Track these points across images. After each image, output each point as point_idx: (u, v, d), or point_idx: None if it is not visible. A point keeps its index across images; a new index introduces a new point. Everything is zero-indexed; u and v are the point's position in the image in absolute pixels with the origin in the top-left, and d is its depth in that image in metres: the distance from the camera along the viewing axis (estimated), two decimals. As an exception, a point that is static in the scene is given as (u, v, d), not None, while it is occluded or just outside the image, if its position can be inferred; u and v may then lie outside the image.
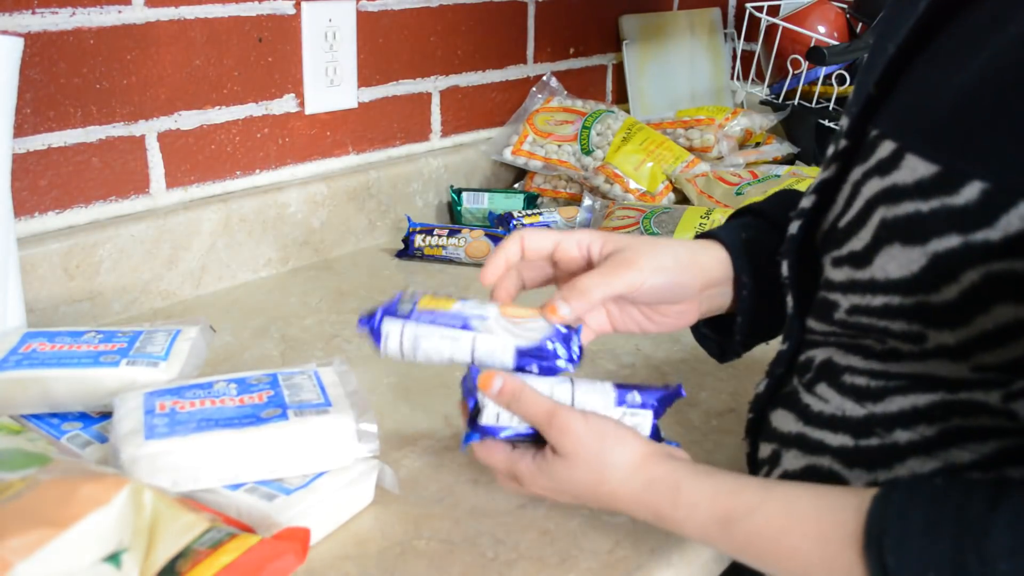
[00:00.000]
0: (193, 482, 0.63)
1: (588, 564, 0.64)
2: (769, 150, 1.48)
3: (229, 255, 1.10)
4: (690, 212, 1.16)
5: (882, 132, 0.54)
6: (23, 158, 0.94)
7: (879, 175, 0.53)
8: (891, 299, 0.52)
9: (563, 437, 0.59)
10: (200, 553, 0.52)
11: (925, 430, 0.53)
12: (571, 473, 0.59)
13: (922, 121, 0.52)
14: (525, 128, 1.39)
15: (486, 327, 0.62)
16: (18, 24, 0.91)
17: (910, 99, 0.54)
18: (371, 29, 1.23)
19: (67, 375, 0.72)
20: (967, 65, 0.50)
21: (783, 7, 1.66)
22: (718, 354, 0.75)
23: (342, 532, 0.66)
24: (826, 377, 0.60)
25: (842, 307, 0.57)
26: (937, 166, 0.49)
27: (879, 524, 0.48)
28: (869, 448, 0.56)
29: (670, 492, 0.57)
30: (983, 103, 0.48)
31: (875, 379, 0.56)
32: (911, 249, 0.50)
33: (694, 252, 0.67)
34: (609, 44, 1.61)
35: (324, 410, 0.67)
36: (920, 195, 0.50)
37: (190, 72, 1.05)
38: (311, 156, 1.21)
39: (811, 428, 0.60)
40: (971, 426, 0.52)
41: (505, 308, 0.63)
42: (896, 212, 0.51)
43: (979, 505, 0.45)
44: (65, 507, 0.51)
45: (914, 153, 0.51)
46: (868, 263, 0.53)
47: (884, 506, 0.48)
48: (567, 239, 0.66)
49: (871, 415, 0.56)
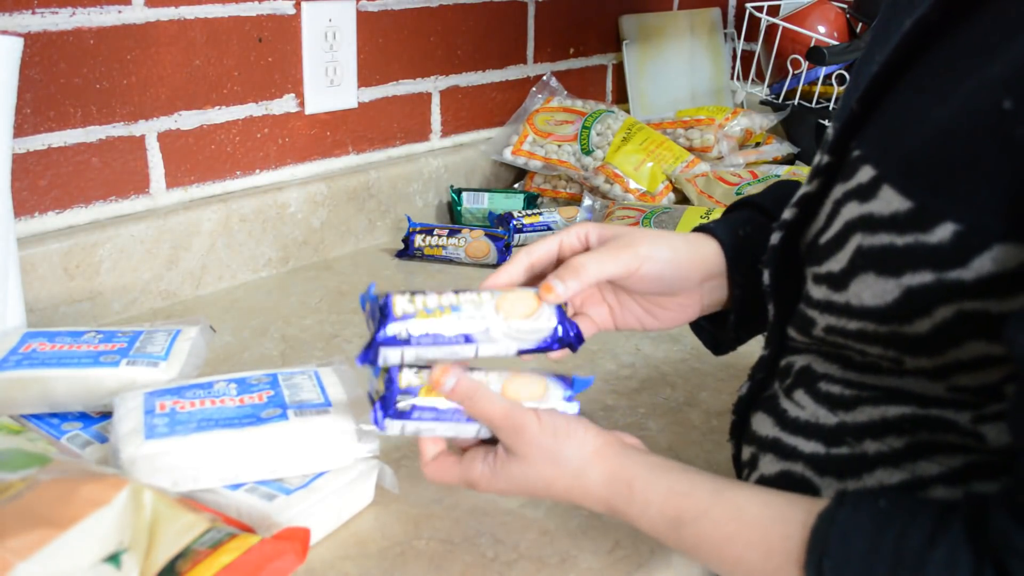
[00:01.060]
0: (193, 482, 0.63)
1: (588, 564, 0.64)
2: (769, 150, 1.48)
3: (229, 255, 1.10)
4: (690, 212, 1.16)
5: (863, 155, 0.54)
6: (23, 158, 0.94)
7: (858, 200, 0.53)
8: (866, 325, 0.52)
9: (517, 436, 0.58)
10: (200, 553, 0.52)
11: (893, 442, 0.54)
12: (525, 471, 0.59)
13: (900, 151, 0.51)
14: (525, 128, 1.39)
15: (489, 338, 0.60)
16: (18, 24, 0.91)
17: (891, 124, 0.54)
18: (371, 29, 1.23)
19: (67, 375, 0.72)
20: (947, 98, 0.50)
21: (783, 7, 1.66)
22: (713, 346, 0.75)
23: (342, 532, 0.66)
24: (803, 383, 0.60)
25: (819, 325, 0.57)
26: (911, 202, 0.49)
27: (821, 545, 0.48)
28: (839, 456, 0.56)
29: (624, 488, 0.57)
30: (958, 144, 0.48)
31: (849, 388, 0.56)
32: (885, 280, 0.50)
33: (693, 244, 0.67)
34: (609, 44, 1.61)
35: (324, 410, 0.67)
36: (895, 229, 0.50)
37: (190, 72, 1.05)
38: (311, 156, 1.21)
39: (786, 433, 0.60)
40: (939, 441, 0.52)
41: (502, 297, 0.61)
42: (872, 242, 0.51)
43: (918, 537, 0.46)
44: (65, 507, 0.51)
45: (890, 185, 0.50)
46: (844, 287, 0.53)
47: (828, 526, 0.49)
48: (567, 235, 0.66)
49: (842, 424, 0.56)
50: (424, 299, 0.59)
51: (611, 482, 0.58)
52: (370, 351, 0.58)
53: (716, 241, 0.68)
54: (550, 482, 0.59)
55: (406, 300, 0.58)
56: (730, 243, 0.68)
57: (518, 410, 0.58)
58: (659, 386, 0.90)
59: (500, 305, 0.60)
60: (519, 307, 0.61)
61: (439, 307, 0.59)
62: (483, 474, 0.60)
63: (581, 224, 0.66)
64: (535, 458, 0.58)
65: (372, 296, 0.60)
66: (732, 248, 0.68)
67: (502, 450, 0.60)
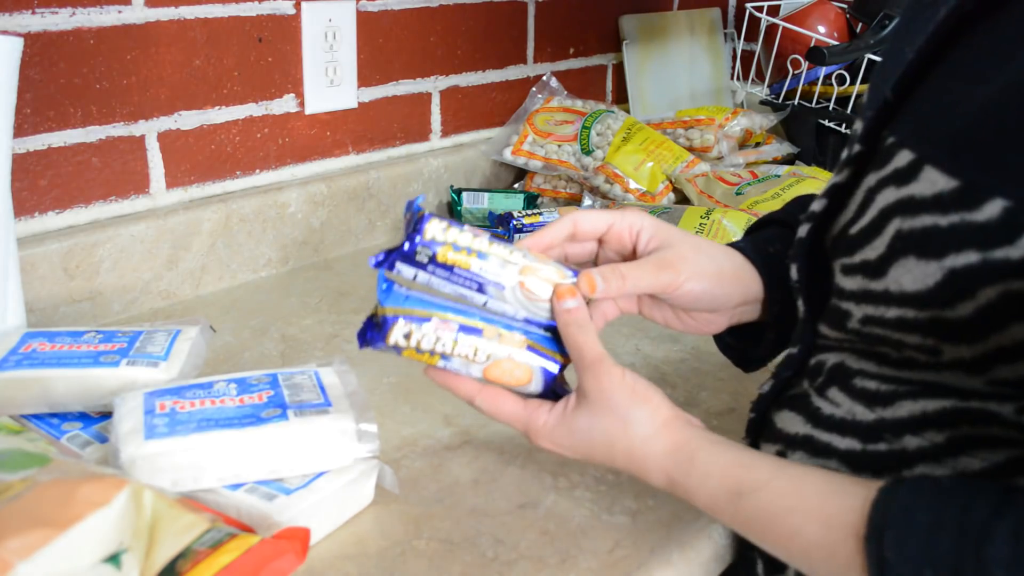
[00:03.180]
0: (193, 482, 0.63)
1: (588, 564, 0.64)
2: (769, 150, 1.48)
3: (229, 255, 1.10)
4: (690, 212, 1.16)
5: (899, 140, 0.53)
6: (23, 158, 0.94)
7: (895, 185, 0.52)
8: (905, 312, 0.52)
9: (597, 381, 0.59)
10: (200, 553, 0.52)
11: (934, 436, 0.53)
12: (592, 424, 0.59)
13: (942, 133, 0.50)
14: (525, 128, 1.39)
15: (500, 296, 0.60)
16: (18, 24, 0.91)
17: (929, 109, 0.53)
18: (371, 29, 1.23)
19: (67, 375, 0.72)
20: (991, 78, 0.49)
21: (783, 7, 1.66)
22: (743, 363, 0.74)
23: (342, 532, 0.66)
24: (837, 381, 0.59)
25: (855, 316, 0.56)
26: (957, 180, 0.48)
27: (882, 517, 0.48)
28: (877, 453, 0.56)
29: (686, 459, 0.57)
30: (1008, 119, 0.47)
31: (886, 383, 0.56)
32: (927, 263, 0.49)
33: (739, 267, 0.67)
34: (609, 44, 1.61)
35: (324, 410, 0.67)
36: (939, 209, 0.49)
37: (190, 72, 1.05)
38: (311, 156, 1.21)
39: (819, 431, 0.60)
40: (981, 434, 0.51)
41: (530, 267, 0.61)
42: (912, 224, 0.50)
43: (983, 509, 0.45)
44: (65, 508, 0.51)
45: (933, 165, 0.49)
46: (882, 274, 0.52)
47: (890, 500, 0.48)
48: (620, 221, 0.65)
49: (880, 420, 0.56)
50: (458, 235, 0.59)
51: (674, 452, 0.58)
52: (387, 260, 0.59)
53: (755, 269, 0.68)
54: (613, 441, 0.59)
55: (440, 228, 0.59)
56: (763, 263, 0.68)
57: (610, 359, 0.59)
58: (659, 386, 0.89)
59: (525, 271, 0.60)
60: (542, 281, 0.61)
61: (467, 248, 0.59)
62: (547, 423, 0.60)
63: (637, 214, 0.65)
64: (605, 411, 0.59)
65: (416, 207, 0.61)
66: (765, 268, 0.68)
67: (573, 400, 0.60)
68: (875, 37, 1.40)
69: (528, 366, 0.61)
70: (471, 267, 0.60)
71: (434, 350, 0.60)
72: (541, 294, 0.61)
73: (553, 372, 0.61)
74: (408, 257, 0.59)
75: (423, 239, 0.59)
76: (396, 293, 0.60)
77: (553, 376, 0.61)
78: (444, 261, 0.59)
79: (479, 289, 0.60)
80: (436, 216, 0.59)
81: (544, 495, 0.71)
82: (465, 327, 0.60)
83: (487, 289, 0.60)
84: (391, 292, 0.60)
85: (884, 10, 1.40)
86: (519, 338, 0.61)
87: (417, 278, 0.60)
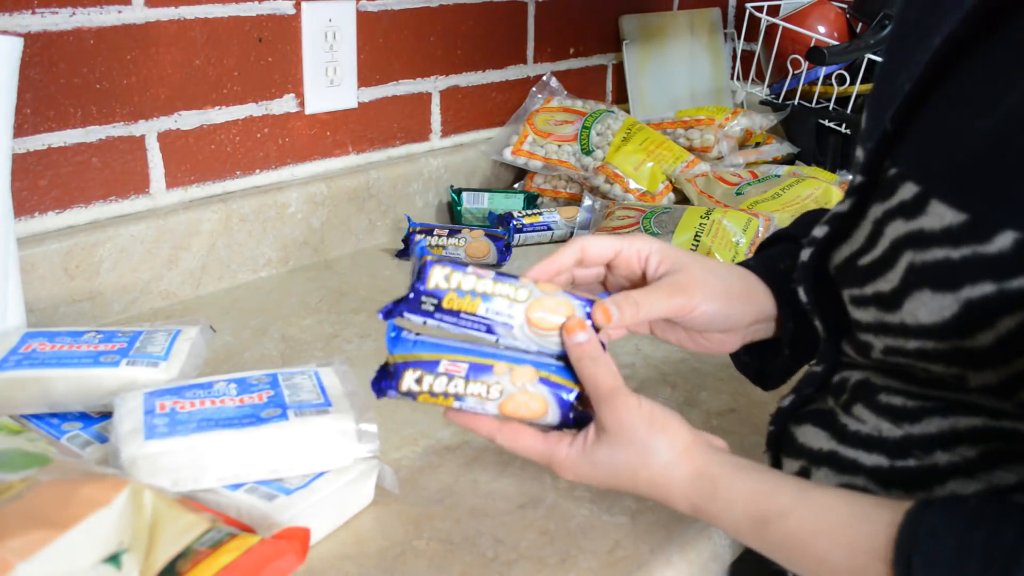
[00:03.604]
0: (193, 482, 0.63)
1: (588, 564, 0.64)
2: (769, 150, 1.48)
3: (229, 255, 1.10)
4: (690, 212, 1.16)
5: (902, 172, 0.53)
6: (23, 158, 0.94)
7: (903, 218, 0.52)
8: (925, 343, 0.51)
9: (614, 414, 0.58)
10: (200, 553, 0.52)
11: (966, 451, 0.52)
12: (614, 455, 0.59)
13: (946, 165, 0.50)
14: (525, 128, 1.39)
15: (510, 335, 0.61)
16: (18, 24, 0.91)
17: (931, 140, 0.53)
18: (371, 29, 1.23)
19: (67, 375, 0.72)
20: (993, 108, 0.49)
21: (783, 7, 1.66)
22: (760, 380, 0.74)
23: (342, 532, 0.66)
24: (862, 398, 0.59)
25: (877, 348, 0.56)
26: (966, 214, 0.48)
27: (910, 542, 0.47)
28: (906, 469, 0.55)
29: (709, 486, 0.57)
30: (1010, 150, 0.47)
31: (913, 399, 0.55)
32: (942, 296, 0.49)
33: (750, 285, 0.67)
34: (609, 44, 1.61)
35: (324, 410, 0.67)
36: (950, 242, 0.48)
37: (190, 72, 1.05)
38: (311, 156, 1.21)
39: (844, 447, 0.59)
40: (1014, 449, 0.51)
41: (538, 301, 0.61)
42: (925, 258, 0.50)
43: (1012, 534, 0.45)
44: (65, 508, 0.51)
45: (940, 200, 0.49)
46: (898, 307, 0.52)
47: (917, 524, 0.48)
48: (628, 247, 0.65)
49: (908, 436, 0.55)
50: (461, 279, 0.60)
51: (696, 479, 0.58)
52: (395, 310, 0.60)
53: (767, 287, 0.68)
54: (635, 471, 0.59)
55: (443, 275, 0.60)
56: (773, 281, 0.68)
57: (625, 390, 0.59)
58: (659, 386, 0.90)
59: (532, 307, 0.61)
60: (549, 314, 0.61)
61: (472, 291, 0.60)
62: (568, 456, 0.60)
63: (645, 239, 0.65)
64: (625, 442, 0.58)
65: (421, 250, 0.61)
66: (776, 285, 0.67)
67: (592, 432, 0.60)
68: (875, 37, 1.40)
69: (543, 397, 0.61)
70: (477, 310, 0.60)
71: (447, 392, 0.60)
72: (550, 328, 0.61)
73: (569, 400, 0.61)
74: (414, 306, 0.60)
75: (426, 288, 0.60)
76: (404, 340, 0.61)
77: (569, 404, 0.61)
78: (450, 307, 0.60)
79: (488, 331, 0.61)
80: (439, 263, 0.60)
81: (544, 495, 0.71)
82: (475, 365, 0.60)
83: (496, 330, 0.61)
84: (399, 340, 0.61)
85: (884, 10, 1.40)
86: (531, 371, 0.61)
87: (427, 324, 0.61)
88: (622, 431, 0.58)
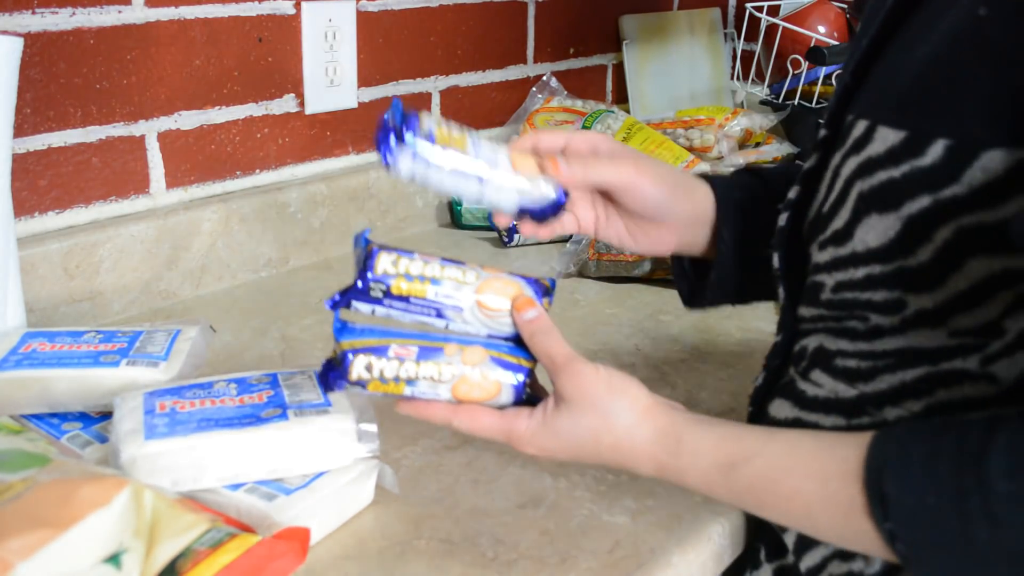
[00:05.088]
0: (193, 482, 0.63)
1: (588, 564, 0.64)
2: (769, 150, 1.48)
3: (229, 255, 1.10)
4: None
5: (856, 115, 0.56)
6: (23, 158, 0.94)
7: (855, 153, 0.55)
8: (871, 269, 0.54)
9: (572, 381, 0.58)
10: (200, 553, 0.52)
11: (912, 405, 0.55)
12: (575, 423, 0.59)
13: (891, 97, 0.54)
14: (525, 128, 1.39)
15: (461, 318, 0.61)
16: (18, 24, 0.91)
17: (881, 82, 0.56)
18: (371, 29, 1.23)
19: (67, 375, 0.72)
20: (928, 38, 0.53)
21: (783, 7, 1.66)
22: (687, 295, 0.76)
23: (342, 532, 0.66)
24: (820, 363, 0.61)
25: (827, 286, 0.58)
26: (904, 131, 0.51)
27: (880, 458, 0.49)
28: (860, 427, 0.57)
29: (672, 442, 0.58)
30: (943, 68, 0.51)
31: (864, 360, 0.57)
32: (886, 216, 0.52)
33: (691, 184, 0.70)
34: (609, 44, 1.61)
35: (324, 410, 0.67)
36: (892, 162, 0.52)
37: (190, 72, 1.05)
38: (311, 156, 1.21)
39: (806, 412, 0.61)
40: (955, 398, 0.53)
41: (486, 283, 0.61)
42: (871, 183, 0.53)
43: (977, 432, 0.46)
44: (65, 508, 0.51)
45: (884, 124, 0.53)
46: (849, 238, 0.55)
47: (885, 441, 0.49)
48: (577, 136, 0.68)
49: (861, 395, 0.57)
50: (409, 264, 0.60)
51: (660, 437, 0.58)
52: (343, 300, 0.60)
53: (712, 192, 0.70)
54: (598, 436, 0.59)
55: (391, 260, 0.59)
56: (724, 198, 0.70)
57: (580, 358, 0.59)
58: (659, 386, 0.90)
59: (481, 289, 0.61)
60: (498, 296, 0.61)
61: (420, 276, 0.60)
62: (529, 427, 0.60)
63: (596, 133, 0.69)
64: (586, 408, 0.58)
65: (365, 240, 0.61)
66: (724, 203, 0.70)
67: (552, 403, 0.60)
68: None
69: (495, 378, 0.61)
70: (427, 295, 0.60)
71: (398, 376, 0.60)
72: (500, 309, 0.61)
73: (521, 380, 0.61)
74: (363, 294, 0.59)
75: (375, 274, 0.59)
76: (351, 328, 0.60)
77: (522, 384, 0.61)
78: (399, 293, 0.60)
79: (438, 315, 0.61)
80: (385, 249, 0.60)
81: (544, 495, 0.71)
82: (425, 348, 0.60)
83: (446, 313, 0.61)
84: (345, 328, 0.60)
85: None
86: (481, 351, 0.60)
87: (375, 313, 0.60)
88: (582, 398, 0.58)
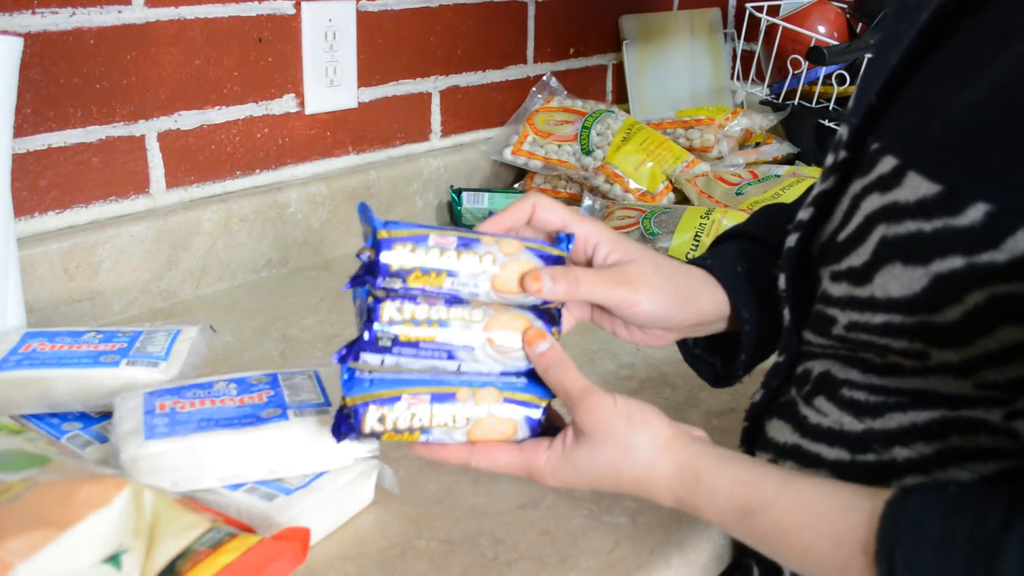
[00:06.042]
0: (193, 482, 0.63)
1: (588, 564, 0.64)
2: (769, 150, 1.48)
3: (229, 255, 1.10)
4: (690, 212, 1.16)
5: (883, 146, 0.53)
6: (23, 158, 0.94)
7: (879, 191, 0.52)
8: (892, 317, 0.51)
9: (591, 415, 0.57)
10: (200, 553, 0.52)
11: (923, 448, 0.53)
12: (595, 456, 0.58)
13: (925, 138, 0.50)
14: (525, 128, 1.39)
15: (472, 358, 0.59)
16: (18, 24, 0.91)
17: (912, 114, 0.53)
18: (371, 29, 1.23)
19: (67, 375, 0.72)
20: (973, 82, 0.49)
21: (783, 7, 1.66)
22: (712, 379, 0.73)
23: (342, 532, 0.66)
24: (824, 390, 0.59)
25: (840, 323, 0.56)
26: (940, 185, 0.48)
27: (892, 534, 0.47)
28: (866, 463, 0.55)
29: (691, 478, 0.57)
30: (989, 123, 0.47)
31: (874, 394, 0.55)
32: (913, 269, 0.49)
33: (695, 290, 0.65)
34: (609, 44, 1.61)
35: (324, 410, 0.67)
36: (922, 214, 0.48)
37: (190, 72, 1.05)
38: (311, 156, 1.21)
39: (807, 440, 0.59)
40: (969, 446, 0.51)
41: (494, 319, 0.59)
42: (897, 231, 0.50)
43: (993, 523, 0.44)
44: (65, 508, 0.51)
45: (916, 171, 0.49)
46: (868, 280, 0.52)
47: (898, 514, 0.47)
48: (577, 227, 0.63)
49: (869, 430, 0.55)
50: (414, 309, 0.58)
51: (679, 473, 0.57)
52: (351, 353, 0.58)
53: (717, 283, 0.66)
54: (619, 470, 0.58)
55: (395, 308, 0.58)
56: (733, 283, 0.66)
57: (597, 389, 0.58)
58: (659, 386, 0.90)
59: (489, 326, 0.59)
60: (508, 332, 0.60)
61: (427, 320, 0.58)
62: (548, 461, 0.59)
63: (591, 226, 0.63)
64: (605, 441, 0.57)
65: (364, 292, 0.60)
66: (735, 287, 0.66)
67: (571, 436, 0.58)
68: (875, 37, 1.40)
69: (510, 418, 0.59)
70: (436, 338, 0.58)
71: (412, 427, 0.58)
72: (512, 345, 0.60)
73: (536, 418, 0.60)
74: (371, 345, 0.58)
75: (380, 324, 0.57)
76: (359, 380, 0.58)
77: (538, 422, 0.60)
78: (408, 339, 0.58)
79: (449, 356, 0.59)
80: (387, 298, 0.58)
81: (544, 495, 0.71)
82: (437, 395, 0.58)
83: (457, 354, 0.59)
84: (354, 380, 0.58)
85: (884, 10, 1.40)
86: (494, 393, 0.59)
87: (384, 362, 0.58)
88: (601, 431, 0.57)
